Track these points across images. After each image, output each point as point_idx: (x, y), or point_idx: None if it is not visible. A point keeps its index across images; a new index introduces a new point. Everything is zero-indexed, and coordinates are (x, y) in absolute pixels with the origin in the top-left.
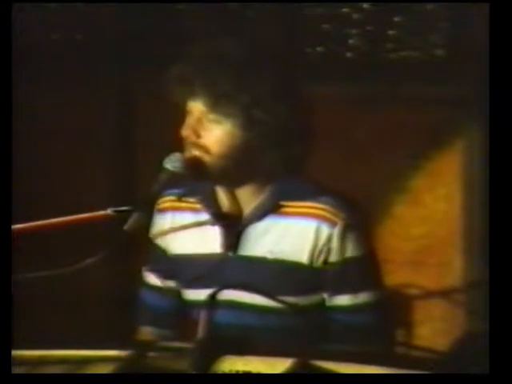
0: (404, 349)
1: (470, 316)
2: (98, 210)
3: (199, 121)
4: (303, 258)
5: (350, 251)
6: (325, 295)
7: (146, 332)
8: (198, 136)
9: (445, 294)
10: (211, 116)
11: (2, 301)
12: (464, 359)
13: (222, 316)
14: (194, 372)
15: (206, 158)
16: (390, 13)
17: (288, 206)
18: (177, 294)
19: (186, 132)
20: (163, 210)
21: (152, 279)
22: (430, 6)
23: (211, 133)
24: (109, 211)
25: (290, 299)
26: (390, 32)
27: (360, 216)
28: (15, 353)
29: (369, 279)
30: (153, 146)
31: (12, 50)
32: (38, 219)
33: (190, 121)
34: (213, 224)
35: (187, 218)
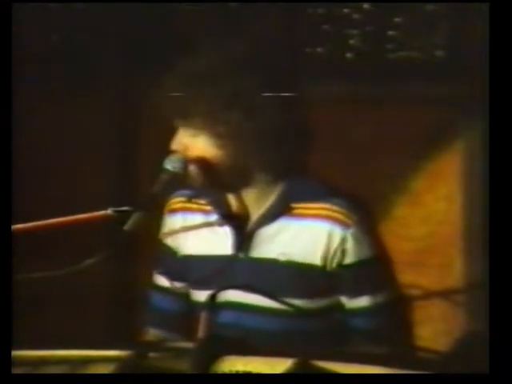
0: (404, 349)
1: (470, 316)
2: (98, 210)
3: (183, 135)
4: (316, 260)
5: (365, 252)
6: (342, 298)
7: (155, 335)
8: (186, 149)
9: (445, 294)
10: (188, 132)
11: (2, 301)
12: (464, 359)
13: (226, 317)
14: (194, 372)
15: (197, 169)
16: (390, 13)
17: (299, 208)
18: (187, 297)
19: (175, 146)
20: (174, 211)
21: (163, 282)
22: (430, 6)
23: (195, 145)
24: (109, 211)
25: (301, 301)
26: (390, 32)
27: (370, 217)
28: (15, 353)
29: (385, 279)
30: (153, 146)
31: (12, 50)
32: (38, 219)
33: (178, 136)
34: (222, 224)
35: (198, 219)
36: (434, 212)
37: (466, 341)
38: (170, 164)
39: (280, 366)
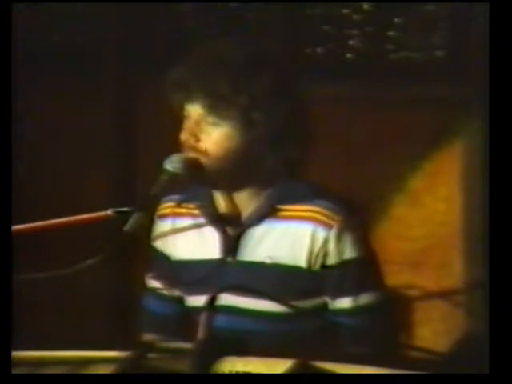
0: (404, 350)
1: (469, 317)
2: (98, 210)
3: (197, 124)
4: (301, 262)
5: (348, 253)
6: (326, 299)
7: (151, 339)
8: (197, 139)
9: (445, 294)
10: (209, 119)
11: (2, 301)
12: (464, 359)
13: (220, 321)
14: (194, 372)
15: (205, 161)
16: (390, 13)
17: (284, 210)
18: (181, 301)
19: (184, 136)
20: (163, 216)
21: (155, 286)
22: (430, 7)
23: (210, 136)
24: (109, 212)
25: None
26: (390, 33)
27: (356, 218)
28: (15, 354)
29: (368, 280)
30: (153, 146)
31: (12, 50)
32: (38, 220)
33: (189, 124)
34: (210, 225)
35: (187, 223)
36: (433, 212)
37: (466, 341)
38: (170, 164)
39: (280, 366)
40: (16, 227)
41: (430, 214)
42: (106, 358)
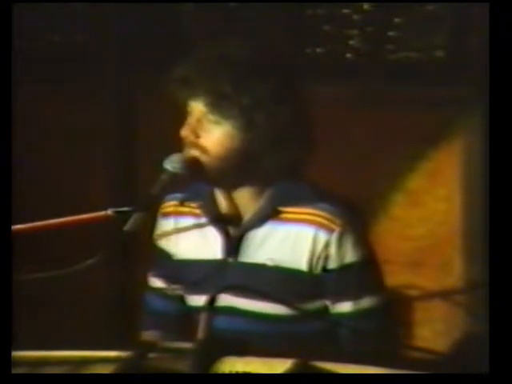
0: (404, 350)
1: (470, 317)
2: (98, 210)
3: (199, 121)
4: (302, 265)
5: (349, 257)
6: (327, 302)
7: (152, 336)
8: (197, 136)
9: (445, 294)
10: (211, 117)
11: (2, 301)
12: (464, 359)
13: (220, 322)
14: (194, 372)
15: (205, 160)
16: (390, 14)
17: (286, 212)
18: (182, 299)
19: (185, 132)
20: (166, 215)
21: (158, 284)
22: (430, 7)
23: (210, 133)
24: (109, 212)
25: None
26: (390, 33)
27: (357, 221)
28: (15, 353)
29: (369, 284)
30: (153, 146)
31: (12, 50)
32: (37, 220)
33: (190, 121)
34: (212, 225)
35: (189, 222)
36: (433, 212)
37: (466, 341)
38: (170, 164)
39: (280, 366)
40: (16, 227)
41: (430, 214)
42: (106, 357)
